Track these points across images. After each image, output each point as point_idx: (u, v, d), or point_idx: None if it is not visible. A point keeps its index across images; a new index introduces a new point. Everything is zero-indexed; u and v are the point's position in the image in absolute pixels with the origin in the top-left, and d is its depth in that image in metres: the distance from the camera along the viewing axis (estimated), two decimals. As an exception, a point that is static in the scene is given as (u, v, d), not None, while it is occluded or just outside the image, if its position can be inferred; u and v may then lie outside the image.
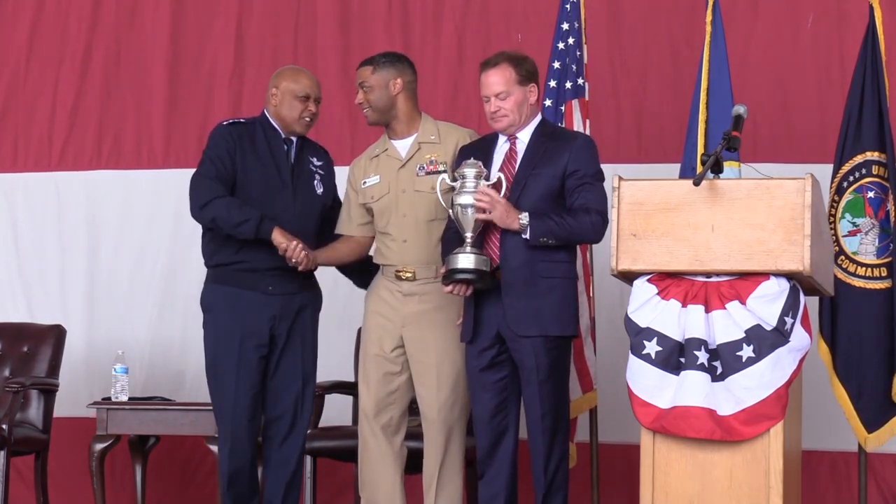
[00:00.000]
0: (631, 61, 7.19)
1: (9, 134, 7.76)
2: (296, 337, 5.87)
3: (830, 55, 6.98)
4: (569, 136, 5.61)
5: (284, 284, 5.80)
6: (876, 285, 6.11)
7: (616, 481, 6.71)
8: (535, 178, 5.46)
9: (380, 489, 5.76)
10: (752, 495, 4.95)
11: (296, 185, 5.85)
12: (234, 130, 5.85)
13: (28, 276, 7.67)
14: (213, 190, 5.72)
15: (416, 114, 5.80)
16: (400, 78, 5.75)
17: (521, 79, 5.51)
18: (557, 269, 5.44)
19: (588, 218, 5.39)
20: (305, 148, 5.95)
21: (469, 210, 5.38)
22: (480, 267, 5.39)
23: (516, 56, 5.57)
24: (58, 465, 7.14)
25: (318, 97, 5.91)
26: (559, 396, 5.49)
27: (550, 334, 5.43)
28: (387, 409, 5.76)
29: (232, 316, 5.79)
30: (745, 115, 5.24)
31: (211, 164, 5.77)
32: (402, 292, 5.73)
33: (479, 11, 7.38)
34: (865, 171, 6.13)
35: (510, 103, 5.50)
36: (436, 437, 5.71)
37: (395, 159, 5.76)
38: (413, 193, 5.71)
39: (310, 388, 5.92)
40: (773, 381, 4.94)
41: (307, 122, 5.87)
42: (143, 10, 7.69)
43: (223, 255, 5.82)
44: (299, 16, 7.57)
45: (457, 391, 5.70)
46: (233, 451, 5.82)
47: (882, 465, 6.77)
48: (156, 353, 7.40)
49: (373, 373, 5.76)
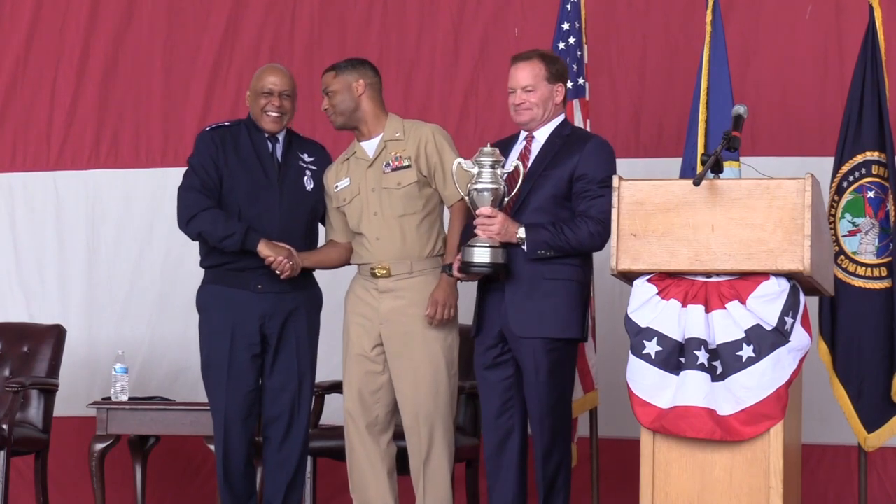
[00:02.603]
0: (628, 56, 7.19)
1: (7, 133, 7.76)
2: (290, 336, 5.87)
3: (829, 48, 6.98)
4: (582, 139, 5.57)
5: (275, 283, 5.82)
6: (876, 285, 6.10)
7: (616, 477, 6.70)
8: (543, 178, 5.47)
9: (370, 489, 5.77)
10: (752, 495, 4.95)
11: (282, 183, 5.86)
12: (216, 135, 5.91)
13: (28, 276, 7.67)
14: (198, 202, 5.78)
15: (382, 114, 5.85)
16: (362, 79, 5.82)
17: (549, 76, 5.53)
18: (563, 271, 5.44)
19: (586, 227, 5.39)
20: (295, 144, 5.96)
21: (485, 194, 5.40)
22: (497, 260, 5.42)
23: (549, 55, 5.62)
24: (58, 465, 7.15)
25: (286, 91, 5.90)
26: (560, 399, 5.48)
27: (551, 336, 5.43)
28: (371, 408, 5.77)
29: (222, 315, 5.84)
30: (745, 114, 5.23)
31: (195, 175, 5.83)
32: (378, 289, 5.75)
33: (475, 8, 7.38)
34: (865, 171, 6.13)
35: (535, 97, 5.53)
36: (417, 433, 5.72)
37: (363, 160, 5.81)
38: (381, 191, 5.75)
39: (306, 388, 5.92)
40: (774, 381, 4.94)
41: (273, 116, 5.87)
42: (141, 9, 7.69)
43: (215, 255, 5.87)
44: (295, 14, 7.57)
45: (437, 386, 5.70)
46: (227, 450, 5.85)
47: (883, 459, 6.77)
48: (156, 353, 7.39)
49: (355, 373, 5.78)
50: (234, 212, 5.81)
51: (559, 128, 5.57)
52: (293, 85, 5.94)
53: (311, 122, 7.32)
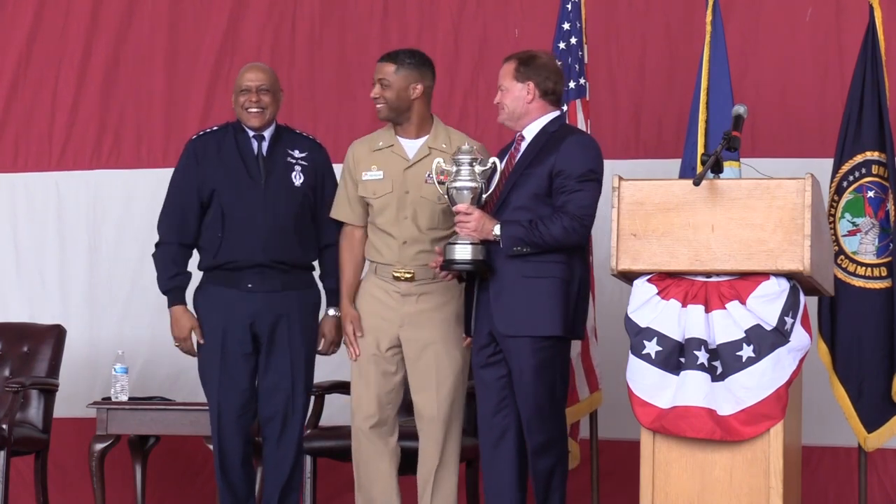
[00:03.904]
0: (628, 56, 7.19)
1: (9, 134, 7.76)
2: (282, 336, 5.87)
3: (829, 48, 6.98)
4: (564, 135, 5.55)
5: (265, 282, 5.83)
6: (876, 285, 6.10)
7: (616, 478, 6.70)
8: (524, 177, 5.47)
9: (376, 487, 5.77)
10: (752, 495, 4.95)
11: (267, 180, 5.86)
12: (199, 144, 5.94)
13: (28, 276, 7.67)
14: (164, 233, 5.97)
15: (429, 116, 5.79)
16: (421, 83, 5.72)
17: (518, 74, 5.55)
18: (547, 269, 5.40)
19: (560, 222, 5.36)
20: (285, 140, 5.93)
21: (464, 192, 5.42)
22: (477, 257, 5.42)
23: (522, 54, 5.61)
24: (58, 466, 7.14)
25: (263, 86, 5.86)
26: (550, 398, 5.45)
27: (533, 334, 5.40)
28: (384, 408, 5.76)
29: (214, 315, 5.87)
30: (745, 115, 5.24)
31: (171, 195, 5.96)
32: (400, 292, 5.72)
33: (475, 8, 7.38)
34: (865, 171, 6.13)
35: (507, 97, 5.57)
36: (435, 436, 5.71)
37: (402, 158, 5.74)
38: (418, 198, 5.69)
39: (300, 388, 5.90)
40: (774, 381, 4.94)
41: (253, 112, 5.85)
42: (142, 9, 7.68)
43: (205, 258, 5.92)
44: (296, 13, 7.57)
45: (456, 389, 5.71)
46: (222, 449, 5.88)
47: (883, 459, 6.77)
48: (156, 353, 7.39)
49: (373, 372, 5.75)
50: (218, 216, 5.84)
51: (547, 125, 5.56)
52: (272, 79, 5.91)
53: (314, 120, 7.34)
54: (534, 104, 5.56)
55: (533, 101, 5.55)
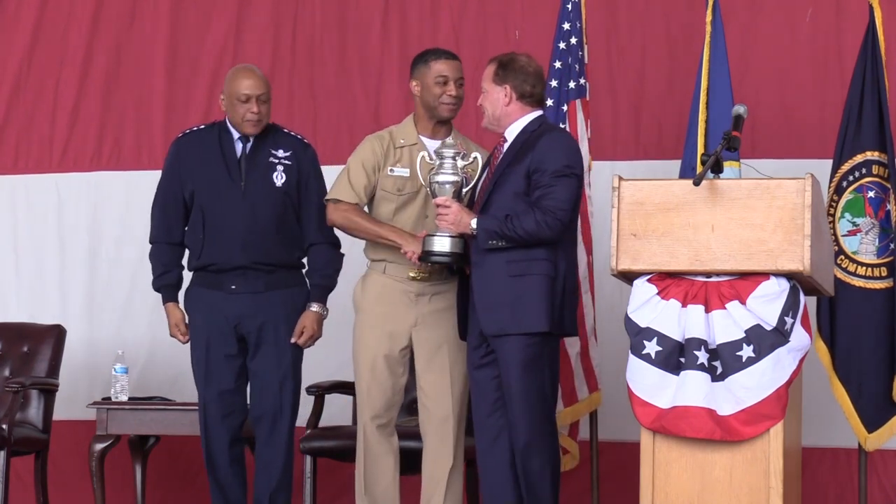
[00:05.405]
0: (628, 57, 7.19)
1: (10, 135, 7.76)
2: (269, 336, 5.88)
3: (829, 49, 6.98)
4: (541, 133, 5.54)
5: (248, 283, 5.85)
6: (876, 285, 6.10)
7: (616, 479, 6.70)
8: (504, 177, 5.48)
9: (379, 486, 5.77)
10: (752, 495, 4.95)
11: (247, 180, 5.86)
12: (183, 142, 6.00)
13: (28, 276, 7.67)
14: (152, 232, 6.02)
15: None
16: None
17: (496, 77, 5.57)
18: (530, 267, 5.39)
19: (533, 216, 5.35)
20: (268, 140, 5.93)
21: (446, 187, 5.47)
22: (455, 250, 5.46)
23: (503, 57, 5.63)
24: (58, 466, 7.14)
25: (262, 95, 5.88)
26: (538, 397, 5.42)
27: (522, 332, 5.38)
28: (391, 408, 5.77)
29: (199, 316, 5.93)
30: (745, 115, 5.24)
31: (157, 196, 6.04)
32: (414, 292, 5.73)
33: (476, 10, 7.38)
34: (865, 171, 6.13)
35: (486, 100, 5.60)
36: (448, 435, 5.71)
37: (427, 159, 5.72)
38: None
39: (288, 388, 5.92)
40: (774, 381, 4.94)
41: (253, 122, 5.87)
42: (143, 11, 7.69)
43: (191, 259, 5.97)
44: (297, 16, 7.57)
45: (467, 389, 5.71)
46: (209, 448, 5.95)
47: (883, 460, 6.77)
48: (156, 353, 7.39)
49: (384, 372, 5.75)
50: (199, 218, 5.88)
51: (528, 125, 5.56)
52: (268, 86, 5.94)
53: (313, 122, 7.34)
54: (511, 106, 5.57)
55: (510, 103, 5.56)
